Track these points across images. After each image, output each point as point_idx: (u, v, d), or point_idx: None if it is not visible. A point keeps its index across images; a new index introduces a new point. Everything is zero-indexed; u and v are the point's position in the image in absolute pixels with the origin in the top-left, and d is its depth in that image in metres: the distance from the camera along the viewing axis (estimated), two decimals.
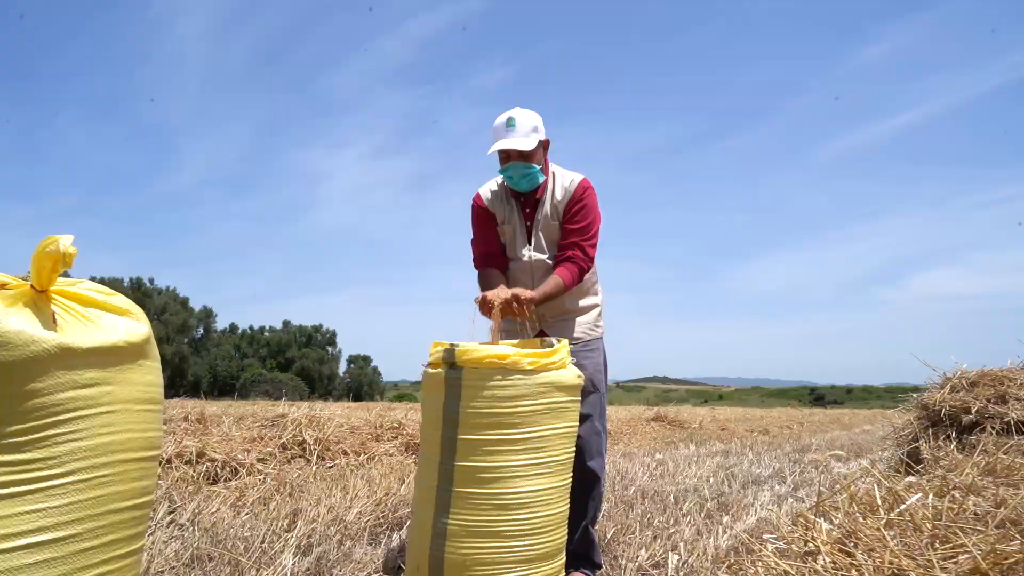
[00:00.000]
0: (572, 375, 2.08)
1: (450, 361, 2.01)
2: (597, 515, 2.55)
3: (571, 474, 2.10)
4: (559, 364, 2.05)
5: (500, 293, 2.25)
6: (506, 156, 2.43)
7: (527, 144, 2.38)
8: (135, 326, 1.22)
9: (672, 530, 3.26)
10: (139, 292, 52.67)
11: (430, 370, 2.08)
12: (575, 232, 2.48)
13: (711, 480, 5.04)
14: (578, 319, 2.57)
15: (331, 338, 66.40)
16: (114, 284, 51.18)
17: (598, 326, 2.63)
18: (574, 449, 2.11)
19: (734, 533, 3.22)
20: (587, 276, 2.59)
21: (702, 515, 3.64)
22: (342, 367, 66.92)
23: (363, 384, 65.93)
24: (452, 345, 2.04)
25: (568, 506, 2.09)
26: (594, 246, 2.51)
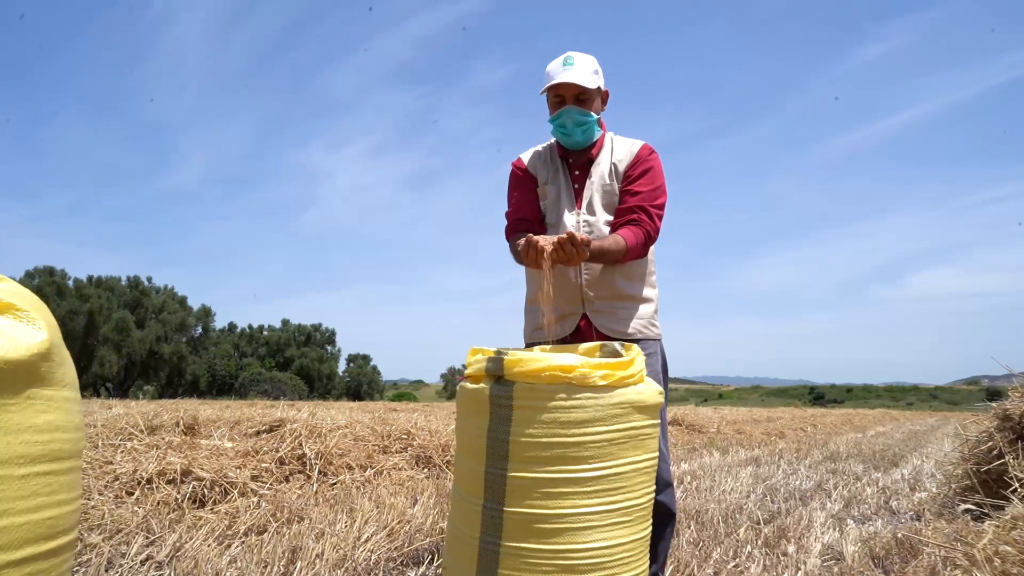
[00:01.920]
0: (653, 391, 1.60)
1: (497, 374, 1.54)
2: (667, 559, 2.08)
3: (651, 521, 1.62)
4: (637, 377, 1.57)
5: (550, 236, 1.79)
6: (559, 101, 2.01)
7: (588, 81, 1.96)
8: (23, 333, 0.73)
9: (732, 564, 2.80)
10: (137, 291, 52.03)
11: (469, 385, 1.60)
12: (641, 195, 2.02)
13: (751, 496, 4.58)
14: (632, 309, 2.09)
15: (330, 337, 65.87)
16: (111, 283, 50.54)
17: (655, 324, 2.16)
18: (654, 488, 1.63)
19: (808, 570, 2.75)
20: (647, 261, 2.13)
21: (760, 542, 3.18)
22: (341, 366, 66.44)
23: (363, 383, 65.44)
24: (499, 352, 1.56)
25: (648, 563, 1.61)
26: (661, 217, 2.05)
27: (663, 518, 1.97)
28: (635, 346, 1.71)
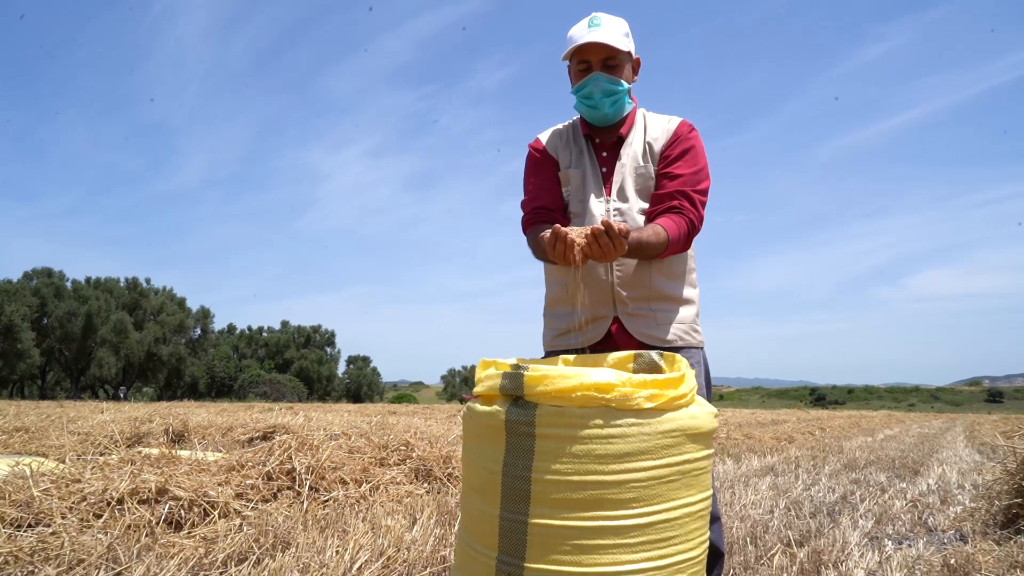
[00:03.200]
0: (708, 415, 1.29)
1: (515, 393, 1.23)
2: None
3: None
4: (689, 398, 1.26)
5: (580, 228, 1.50)
6: (585, 68, 1.71)
7: (619, 42, 1.67)
8: None
9: None
10: (135, 292, 51.72)
11: (480, 406, 1.29)
12: (682, 178, 1.72)
13: (775, 511, 4.26)
14: (672, 312, 1.78)
15: (330, 338, 65.60)
16: (110, 284, 50.29)
17: (698, 330, 1.85)
18: (708, 533, 1.32)
19: None
20: (687, 256, 1.83)
21: (795, 569, 2.87)
22: (341, 368, 66.15)
23: (362, 385, 65.16)
24: (517, 366, 1.25)
25: None
26: (704, 203, 1.75)
27: (711, 559, 1.66)
28: (679, 357, 1.40)
